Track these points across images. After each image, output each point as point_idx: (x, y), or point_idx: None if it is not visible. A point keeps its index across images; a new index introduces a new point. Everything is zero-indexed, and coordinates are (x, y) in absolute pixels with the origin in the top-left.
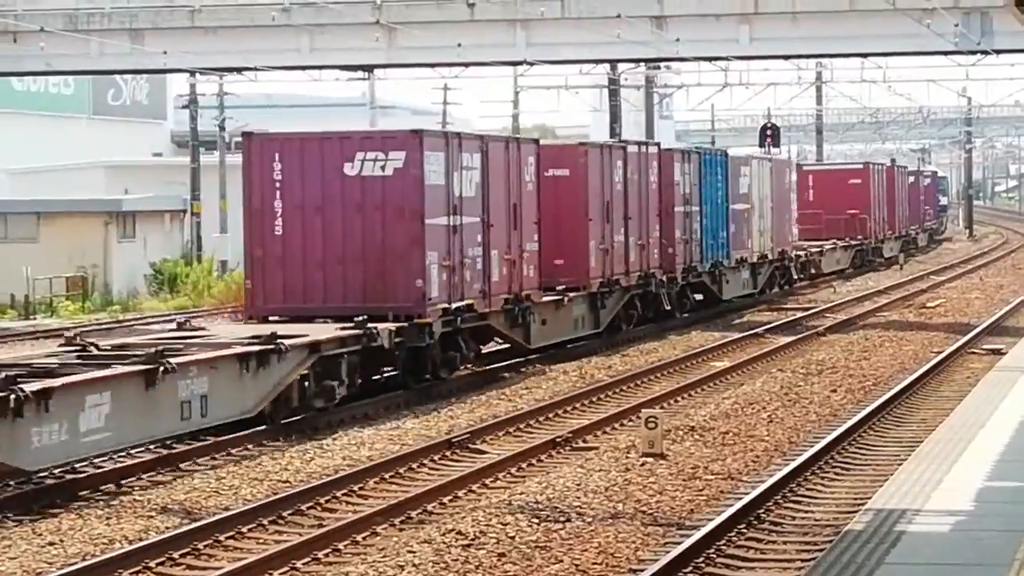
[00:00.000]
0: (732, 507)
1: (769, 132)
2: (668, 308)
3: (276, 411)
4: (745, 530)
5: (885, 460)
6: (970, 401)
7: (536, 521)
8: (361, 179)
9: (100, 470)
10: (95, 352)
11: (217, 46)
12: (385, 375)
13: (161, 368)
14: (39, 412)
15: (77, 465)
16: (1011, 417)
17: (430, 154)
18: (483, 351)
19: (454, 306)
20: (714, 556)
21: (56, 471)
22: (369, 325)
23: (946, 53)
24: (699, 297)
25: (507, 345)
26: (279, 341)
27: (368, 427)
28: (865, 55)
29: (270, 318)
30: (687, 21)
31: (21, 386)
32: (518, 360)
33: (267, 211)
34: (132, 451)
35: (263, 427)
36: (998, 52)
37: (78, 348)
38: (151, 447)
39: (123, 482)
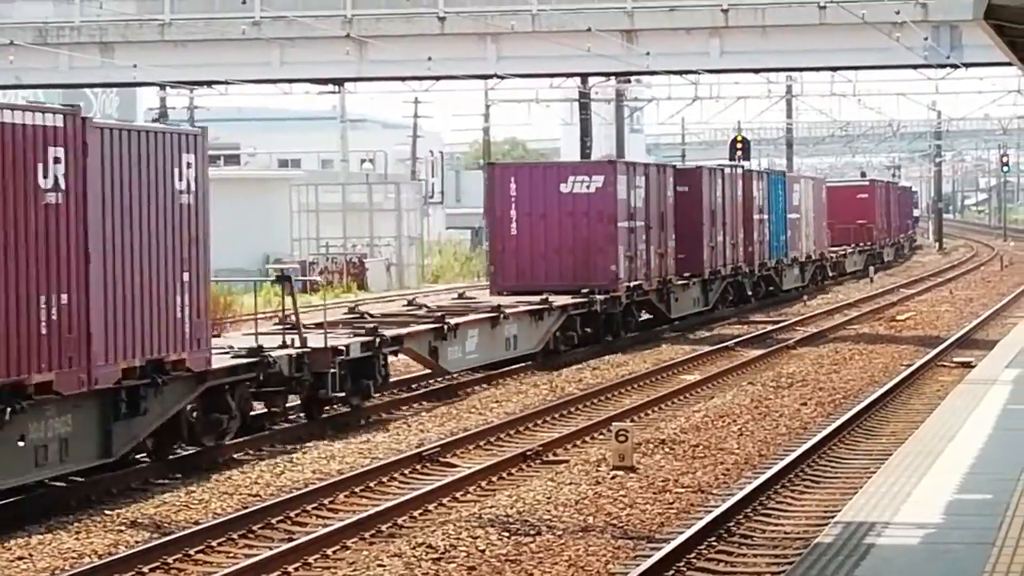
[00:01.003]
0: (702, 520)
1: (739, 146)
2: (749, 294)
3: (544, 351)
4: (715, 543)
5: (855, 473)
6: (940, 414)
7: (506, 535)
8: (572, 195)
9: (69, 485)
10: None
11: (187, 59)
12: (587, 331)
13: (500, 315)
14: (450, 338)
15: (47, 480)
16: (980, 430)
17: (620, 177)
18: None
19: (631, 285)
20: (684, 569)
21: (24, 486)
22: (589, 296)
23: (916, 67)
24: (770, 288)
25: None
26: (548, 301)
27: (338, 440)
28: (835, 68)
29: (506, 292)
30: (657, 35)
31: (446, 321)
32: (663, 326)
33: (505, 217)
34: (93, 471)
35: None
36: (967, 65)
37: (415, 307)
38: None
39: (92, 496)
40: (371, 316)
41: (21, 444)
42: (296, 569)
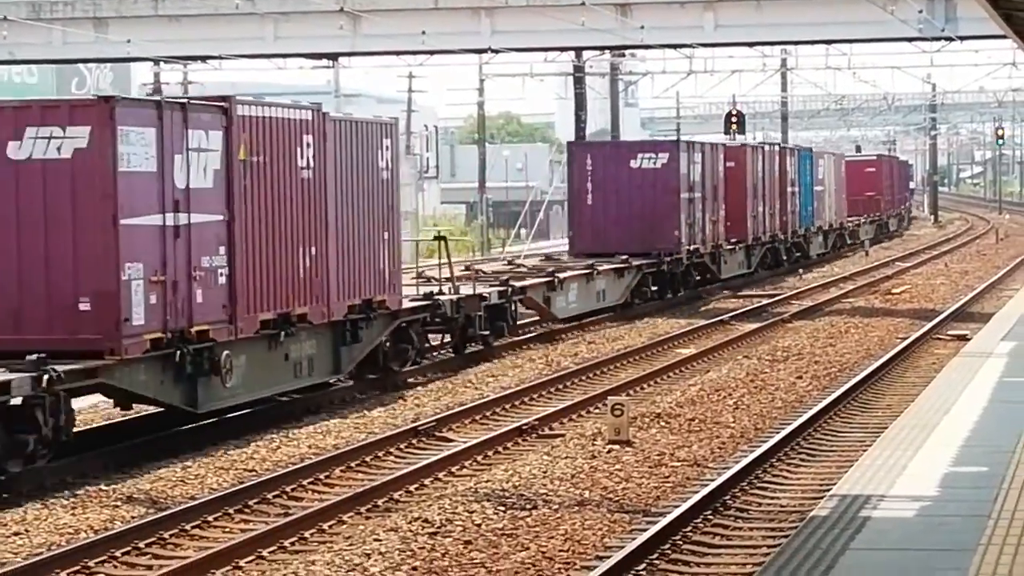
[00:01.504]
0: (698, 494)
1: (734, 119)
2: (784, 259)
3: (626, 301)
4: (711, 516)
5: (851, 446)
6: (935, 387)
7: (502, 509)
8: (641, 170)
9: (62, 463)
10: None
11: (181, 34)
12: (654, 288)
13: (594, 271)
14: (558, 289)
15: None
16: (976, 402)
17: (682, 154)
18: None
19: (691, 248)
20: (680, 543)
21: (30, 467)
22: (659, 257)
23: (910, 40)
24: (799, 254)
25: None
26: (628, 261)
27: (334, 416)
28: (830, 42)
29: (583, 255)
30: (652, 8)
31: (556, 275)
32: (716, 284)
33: (582, 190)
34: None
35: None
36: (962, 38)
37: (516, 266)
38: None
39: (87, 472)
40: (484, 273)
41: (286, 360)
42: (292, 544)
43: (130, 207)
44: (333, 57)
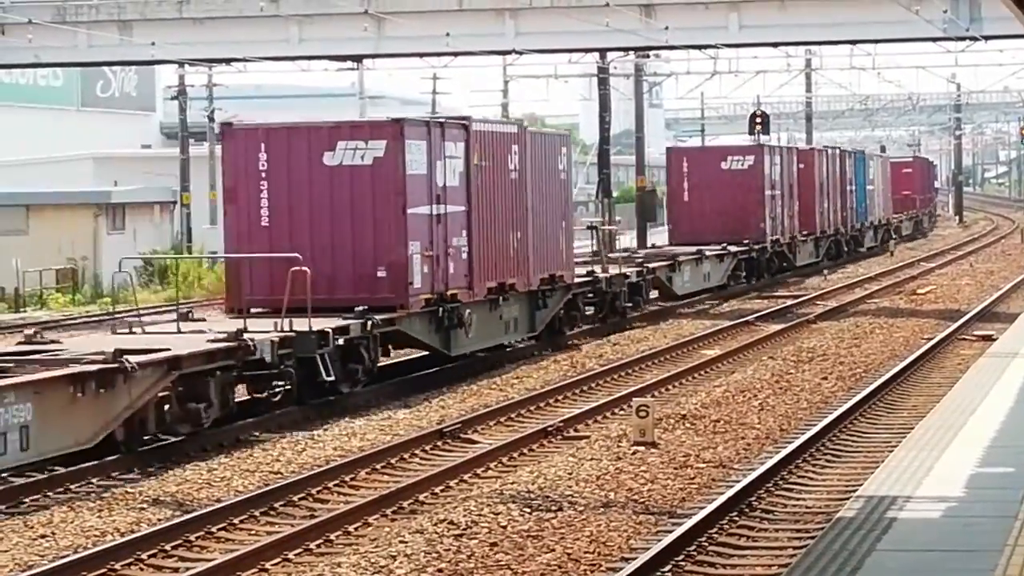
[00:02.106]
0: (724, 495)
1: (759, 120)
2: (845, 250)
3: (725, 283)
4: (737, 518)
5: (876, 447)
6: (961, 387)
7: (528, 510)
8: (731, 171)
9: (92, 463)
10: None
11: (205, 37)
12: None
13: (702, 256)
14: (678, 271)
15: (71, 457)
16: (1002, 403)
17: (765, 157)
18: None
19: (773, 239)
20: (706, 544)
21: (48, 466)
22: (749, 246)
23: (935, 39)
24: (857, 248)
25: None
26: (726, 249)
27: (359, 418)
28: (854, 42)
29: (680, 244)
30: (676, 9)
31: (676, 259)
32: (790, 271)
33: (680, 187)
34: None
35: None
36: (987, 38)
37: (632, 251)
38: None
39: (114, 474)
40: (620, 257)
41: (500, 319)
42: (318, 546)
43: (412, 200)
44: (357, 59)
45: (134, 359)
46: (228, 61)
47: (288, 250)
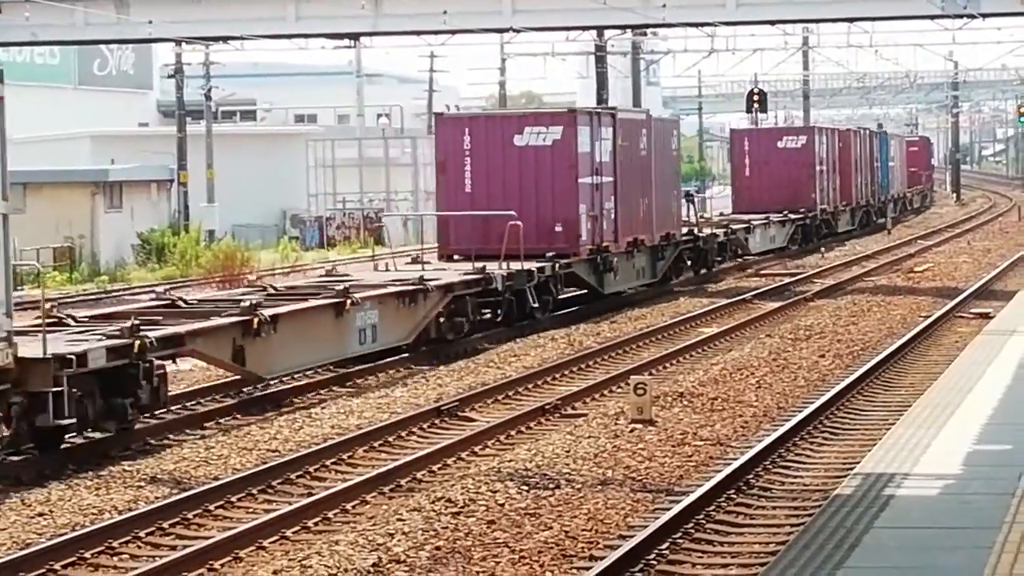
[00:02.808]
0: (721, 473)
1: (756, 98)
2: (874, 219)
3: (786, 245)
4: (734, 495)
5: (874, 424)
6: (958, 365)
7: (525, 488)
8: (786, 148)
9: (89, 439)
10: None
11: (203, 15)
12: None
13: (768, 222)
14: (752, 233)
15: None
16: (999, 380)
17: (814, 136)
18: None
19: (821, 208)
20: (703, 522)
21: (54, 445)
22: (805, 214)
23: (933, 17)
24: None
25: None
26: (787, 216)
27: (357, 396)
28: (852, 19)
29: (743, 215)
30: None
31: (751, 222)
32: (829, 239)
33: (741, 164)
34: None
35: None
36: (984, 16)
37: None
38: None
39: (112, 453)
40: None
41: (633, 268)
42: (315, 524)
43: (581, 172)
44: (355, 37)
45: (430, 283)
46: (225, 39)
47: (486, 210)
